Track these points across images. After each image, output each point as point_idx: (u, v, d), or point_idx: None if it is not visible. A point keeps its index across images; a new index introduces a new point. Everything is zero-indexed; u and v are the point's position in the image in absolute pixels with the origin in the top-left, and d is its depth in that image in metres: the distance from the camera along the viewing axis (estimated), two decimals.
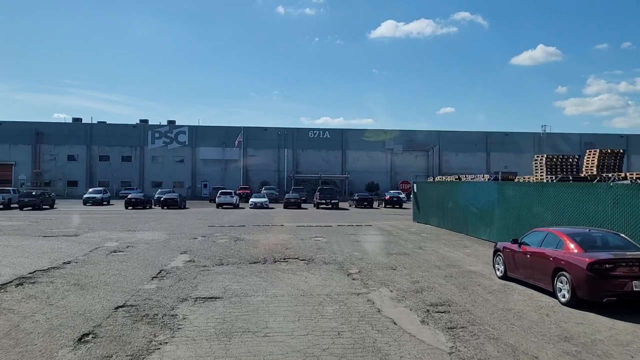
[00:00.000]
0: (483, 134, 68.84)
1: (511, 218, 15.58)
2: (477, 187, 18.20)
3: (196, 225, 22.67)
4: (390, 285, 10.14)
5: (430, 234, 20.00)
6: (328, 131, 68.23)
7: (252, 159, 65.83)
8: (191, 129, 66.01)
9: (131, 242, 16.21)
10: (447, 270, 11.98)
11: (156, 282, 10.15)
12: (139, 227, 21.71)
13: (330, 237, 18.37)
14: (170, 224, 23.68)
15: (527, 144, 68.48)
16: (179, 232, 19.75)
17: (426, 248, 15.79)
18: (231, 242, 16.56)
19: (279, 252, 14.42)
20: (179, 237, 18.02)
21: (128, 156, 64.56)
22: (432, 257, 13.90)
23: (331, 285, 10.08)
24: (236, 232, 19.76)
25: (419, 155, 68.38)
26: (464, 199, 19.20)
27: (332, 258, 13.55)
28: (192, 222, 24.61)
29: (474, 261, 13.29)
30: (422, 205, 24.59)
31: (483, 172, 64.34)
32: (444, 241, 17.57)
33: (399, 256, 14.08)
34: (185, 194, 60.33)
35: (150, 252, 14.10)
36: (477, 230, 18.24)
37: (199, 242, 16.43)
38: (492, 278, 10.97)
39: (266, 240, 17.20)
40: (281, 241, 17.07)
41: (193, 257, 13.42)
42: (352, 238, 18.32)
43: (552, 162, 18.33)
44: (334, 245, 16.23)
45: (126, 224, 22.91)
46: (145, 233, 19.16)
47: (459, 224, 19.82)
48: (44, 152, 62.82)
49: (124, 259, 12.89)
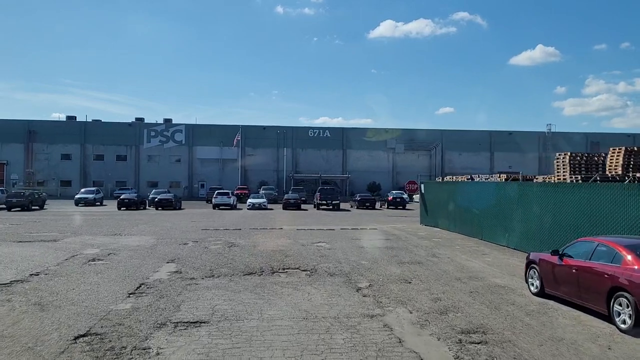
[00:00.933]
0: (487, 133, 67.32)
1: (534, 222, 14.06)
2: (494, 187, 16.69)
3: (189, 229, 21.12)
4: (408, 304, 8.61)
5: (442, 238, 18.48)
6: (328, 130, 66.70)
7: (250, 159, 64.27)
8: (188, 127, 64.42)
9: (114, 249, 14.66)
10: (470, 283, 10.44)
11: (132, 300, 8.61)
12: (127, 230, 20.15)
13: (334, 243, 16.84)
14: (161, 226, 22.13)
15: (532, 144, 67.02)
16: (169, 236, 18.21)
17: (441, 255, 14.25)
18: (225, 249, 15.02)
19: (278, 261, 12.89)
20: (168, 242, 16.47)
21: (123, 155, 62.95)
22: (449, 267, 12.37)
23: (339, 303, 8.55)
24: (231, 237, 18.23)
25: (421, 155, 66.84)
26: (479, 201, 17.69)
27: (337, 268, 12.02)
28: (185, 225, 23.06)
29: (498, 272, 11.76)
30: (431, 207, 23.07)
31: (487, 172, 62.95)
32: (458, 247, 16.04)
33: (412, 266, 12.55)
34: (182, 194, 58.82)
35: (133, 261, 12.55)
36: (494, 235, 16.72)
37: (189, 249, 14.89)
38: (525, 294, 9.43)
39: (264, 246, 15.66)
40: (280, 247, 15.53)
41: (180, 267, 11.88)
42: (357, 243, 16.79)
43: (576, 160, 16.80)
44: (339, 252, 14.70)
45: (114, 227, 21.36)
46: (131, 238, 17.60)
47: (473, 228, 18.31)
48: (37, 151, 61.19)
49: (101, 270, 11.33)
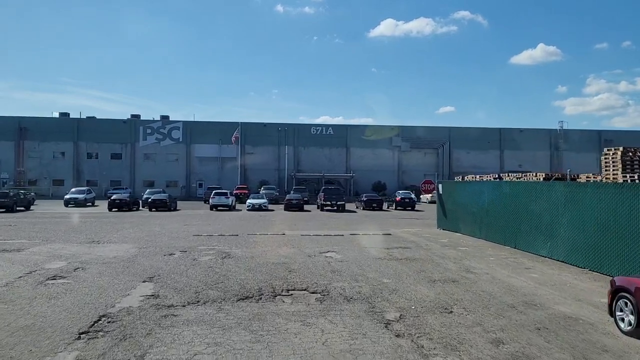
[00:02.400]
0: (496, 130, 64.91)
1: (588, 230, 11.65)
2: (532, 188, 14.30)
3: (179, 234, 18.74)
4: (461, 350, 6.24)
5: (468, 246, 16.08)
6: (331, 127, 64.33)
7: (250, 157, 61.93)
8: (185, 124, 62.08)
9: (84, 261, 12.28)
10: (529, 313, 8.06)
11: (80, 346, 6.23)
12: (108, 236, 17.77)
13: (345, 252, 14.45)
14: (148, 231, 19.75)
15: (543, 141, 64.67)
16: (155, 244, 15.83)
17: (476, 270, 11.86)
18: (217, 261, 12.64)
19: (280, 278, 10.52)
20: (152, 252, 14.09)
21: (118, 153, 60.64)
22: (493, 288, 9.97)
23: (366, 349, 6.18)
24: (226, 245, 15.85)
25: (427, 153, 64.45)
26: (512, 203, 15.30)
27: (355, 289, 9.64)
28: (176, 229, 20.69)
29: (558, 296, 9.36)
30: (450, 210, 20.68)
31: (496, 170, 60.56)
32: (492, 258, 13.65)
33: (447, 285, 10.16)
34: (179, 194, 56.64)
35: (102, 280, 10.17)
36: (532, 244, 14.33)
37: (175, 261, 12.50)
38: (613, 333, 7.04)
39: (263, 257, 13.28)
40: (283, 258, 13.16)
41: (159, 288, 9.50)
42: (372, 253, 14.40)
43: (628, 157, 14.37)
44: (352, 265, 12.32)
45: (95, 232, 18.99)
46: (110, 246, 15.21)
47: (504, 234, 15.92)
48: (28, 149, 58.93)
49: (57, 294, 8.95)
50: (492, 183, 17.17)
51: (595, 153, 64.81)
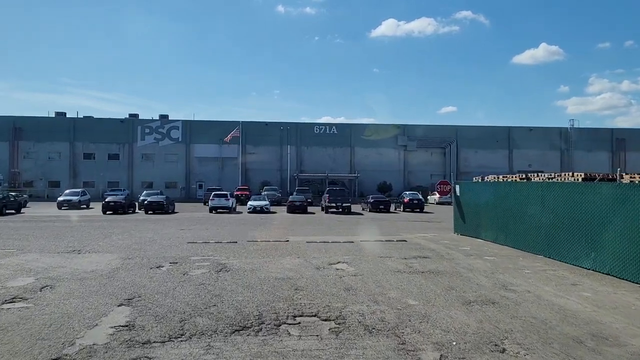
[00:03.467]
0: (504, 129, 63.05)
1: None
2: (573, 190, 12.52)
3: (172, 241, 17.01)
4: None
5: (495, 255, 14.30)
6: (335, 126, 62.54)
7: (251, 157, 60.21)
8: (185, 124, 60.38)
9: (56, 277, 10.55)
10: (605, 353, 6.29)
11: None
12: (93, 244, 16.04)
13: (358, 264, 12.70)
14: (138, 238, 18.03)
15: (553, 140, 62.77)
16: (143, 253, 14.09)
17: (514, 287, 10.08)
18: (211, 276, 10.89)
19: (285, 299, 8.78)
20: (137, 264, 12.35)
21: (115, 154, 58.99)
22: (543, 312, 8.20)
23: None
24: (223, 254, 14.11)
25: (434, 153, 62.65)
26: (547, 207, 13.53)
27: (376, 314, 7.89)
28: (169, 235, 18.97)
29: (627, 323, 7.58)
30: (470, 213, 18.91)
31: (505, 170, 58.78)
32: (528, 271, 11.86)
33: (486, 308, 8.40)
34: (179, 196, 55.10)
35: (69, 303, 8.43)
36: (570, 253, 12.55)
37: (161, 277, 10.75)
38: None
39: (264, 271, 11.53)
40: (287, 271, 11.41)
41: (136, 315, 7.75)
42: (389, 265, 12.64)
43: None
44: (369, 280, 10.57)
45: (79, 239, 17.27)
46: (92, 257, 13.47)
47: (536, 242, 14.14)
48: (23, 149, 57.31)
49: (8, 324, 7.22)
50: (521, 184, 15.40)
51: (607, 152, 63.04)
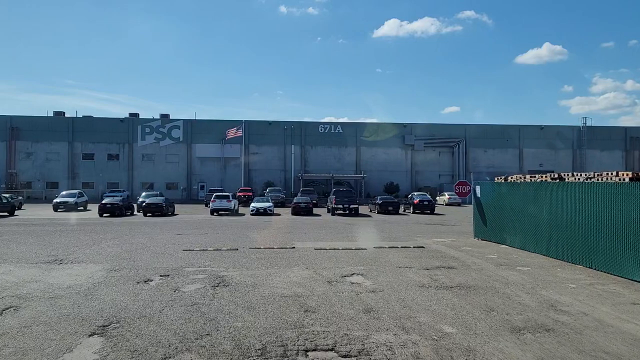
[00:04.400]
0: (515, 127, 61.27)
1: None
2: (621, 192, 10.92)
3: (166, 248, 15.47)
4: None
5: (529, 265, 12.69)
6: (340, 125, 60.93)
7: (254, 157, 58.69)
8: (186, 123, 58.92)
9: (26, 295, 9.02)
10: None
11: None
12: (79, 252, 14.51)
13: (375, 276, 11.12)
14: (130, 245, 16.49)
15: (565, 139, 61.00)
16: (132, 263, 12.55)
17: (565, 307, 8.47)
18: (206, 292, 9.34)
19: (294, 325, 7.22)
20: (124, 277, 10.81)
21: (115, 154, 57.55)
22: (613, 343, 6.61)
23: None
24: (222, 264, 12.56)
25: (443, 152, 60.97)
26: (588, 211, 11.93)
27: (407, 348, 6.32)
28: (165, 241, 17.45)
29: None
30: (492, 216, 17.33)
31: (515, 170, 57.11)
32: (573, 286, 10.25)
33: (542, 338, 6.81)
34: (180, 197, 53.71)
35: (30, 333, 6.88)
36: (618, 264, 10.96)
37: (148, 294, 9.20)
38: None
39: (268, 287, 9.97)
40: (295, 287, 9.85)
41: (109, 350, 6.20)
42: (411, 277, 11.05)
43: None
44: (391, 297, 8.99)
45: (65, 246, 15.76)
46: (73, 268, 11.94)
47: (574, 250, 12.54)
48: (20, 149, 55.95)
49: None
50: (554, 185, 13.78)
51: (621, 151, 61.24)
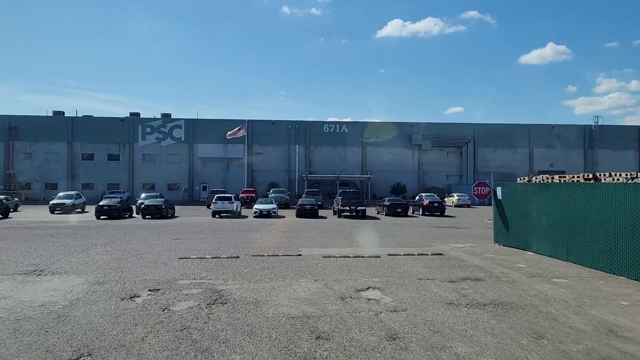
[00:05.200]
0: (525, 127, 59.70)
1: None
2: None
3: (161, 256, 14.13)
4: None
5: (565, 277, 11.26)
6: (345, 125, 59.52)
7: (258, 157, 57.40)
8: (188, 122, 57.69)
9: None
10: None
11: None
12: (63, 260, 13.18)
13: (395, 290, 9.73)
14: (122, 251, 15.16)
15: (576, 139, 59.43)
16: (118, 275, 11.19)
17: (628, 334, 7.07)
18: (200, 313, 7.97)
19: (303, 359, 5.85)
20: (107, 292, 9.46)
21: (115, 154, 56.35)
22: None
23: None
24: (220, 275, 11.20)
25: (451, 152, 59.49)
26: (632, 216, 10.50)
27: None
28: (160, 247, 16.11)
29: None
30: (515, 220, 15.93)
31: (525, 171, 55.61)
32: (624, 303, 8.83)
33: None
34: (182, 198, 52.51)
35: None
36: None
37: (131, 316, 7.84)
38: None
39: (273, 305, 8.60)
40: (303, 307, 8.47)
41: None
42: (434, 292, 9.66)
43: None
44: (418, 320, 7.60)
45: (50, 254, 14.44)
46: (52, 281, 10.59)
47: (614, 259, 11.13)
48: (19, 149, 54.83)
49: None
50: (591, 187, 12.37)
51: (634, 151, 59.65)
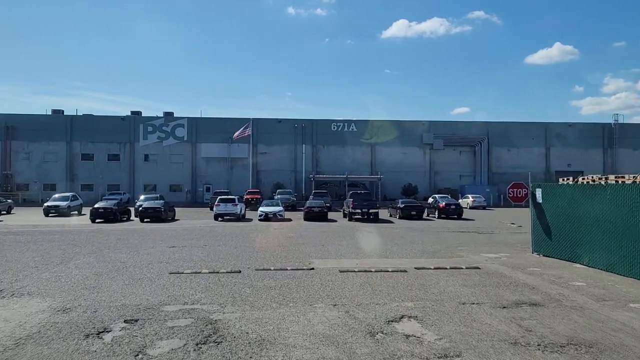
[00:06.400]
0: (541, 125, 57.31)
1: None
2: None
3: (149, 270, 12.08)
4: None
5: (638, 298, 9.13)
6: (354, 123, 57.35)
7: (263, 157, 55.37)
8: (191, 121, 55.76)
9: None
10: None
11: None
12: (32, 276, 11.16)
13: (438, 322, 7.62)
14: (104, 264, 13.13)
15: (595, 138, 56.98)
16: (92, 297, 9.14)
17: None
18: (186, 358, 5.90)
19: None
20: (68, 325, 7.40)
21: (116, 154, 54.51)
22: None
23: None
24: (216, 298, 9.12)
25: (463, 152, 57.21)
26: None
27: None
28: (151, 258, 14.09)
29: None
30: (560, 227, 13.79)
31: (542, 171, 53.24)
32: None
33: None
34: (184, 199, 50.59)
35: None
36: None
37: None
38: None
39: (282, 345, 6.51)
40: (322, 348, 6.37)
41: None
42: (487, 323, 7.54)
43: None
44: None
45: (22, 266, 12.44)
46: (6, 307, 8.56)
47: None
48: (16, 149, 53.09)
49: None
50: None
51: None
